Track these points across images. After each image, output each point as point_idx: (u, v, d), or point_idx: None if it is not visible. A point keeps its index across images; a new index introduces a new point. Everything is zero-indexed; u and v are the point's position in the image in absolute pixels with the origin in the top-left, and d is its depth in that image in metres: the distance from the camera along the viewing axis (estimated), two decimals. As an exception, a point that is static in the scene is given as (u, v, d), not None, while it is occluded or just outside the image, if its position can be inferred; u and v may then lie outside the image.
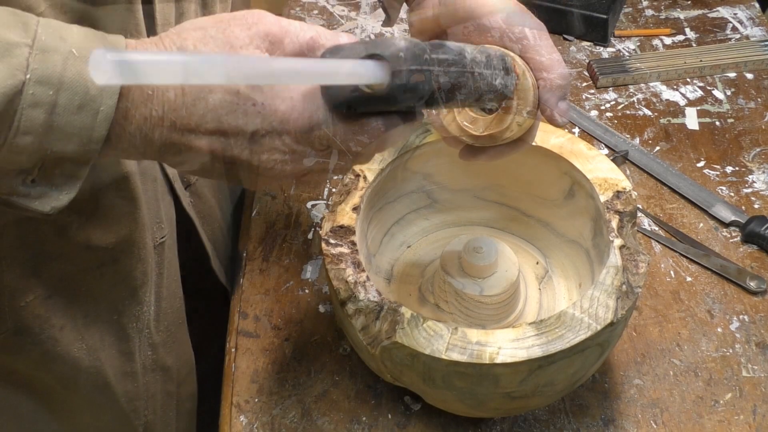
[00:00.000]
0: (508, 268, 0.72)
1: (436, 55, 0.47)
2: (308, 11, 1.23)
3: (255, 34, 0.46)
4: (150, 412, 0.81)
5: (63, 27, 0.44)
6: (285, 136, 0.47)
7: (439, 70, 0.47)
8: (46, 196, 0.46)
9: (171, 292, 0.78)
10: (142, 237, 0.69)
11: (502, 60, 0.55)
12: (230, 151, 0.47)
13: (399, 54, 0.43)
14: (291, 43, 0.47)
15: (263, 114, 0.46)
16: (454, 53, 0.49)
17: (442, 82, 0.47)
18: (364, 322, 0.62)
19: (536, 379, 0.61)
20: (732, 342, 0.79)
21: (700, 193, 0.92)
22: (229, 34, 0.46)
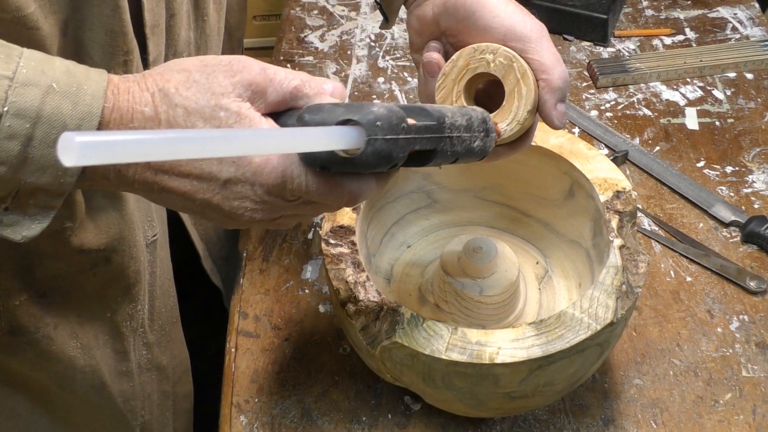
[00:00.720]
0: (508, 268, 0.72)
1: (415, 121, 0.47)
2: (308, 11, 1.23)
3: (238, 82, 0.46)
4: (147, 412, 0.81)
5: (45, 60, 0.45)
6: (257, 187, 0.47)
7: (416, 137, 0.47)
8: (18, 224, 0.47)
9: (164, 291, 0.78)
10: (133, 235, 0.68)
11: (484, 122, 0.56)
12: (202, 194, 0.48)
13: (376, 123, 0.44)
14: (275, 92, 0.48)
15: (237, 164, 0.47)
16: (433, 118, 0.49)
17: (418, 148, 0.48)
18: (364, 322, 0.62)
19: (536, 379, 0.61)
20: (732, 342, 0.79)
21: (700, 193, 0.92)
22: (212, 80, 0.46)
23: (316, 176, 0.48)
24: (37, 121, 0.43)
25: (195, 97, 0.46)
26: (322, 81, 0.50)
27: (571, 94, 1.08)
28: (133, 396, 0.78)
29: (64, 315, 0.68)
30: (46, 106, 0.43)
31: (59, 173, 0.45)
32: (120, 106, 0.45)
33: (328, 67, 1.13)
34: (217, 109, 0.46)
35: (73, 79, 0.45)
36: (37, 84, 0.43)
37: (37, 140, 0.43)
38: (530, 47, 0.59)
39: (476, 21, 0.60)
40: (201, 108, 0.46)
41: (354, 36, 1.19)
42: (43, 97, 0.43)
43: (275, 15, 1.88)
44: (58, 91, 0.44)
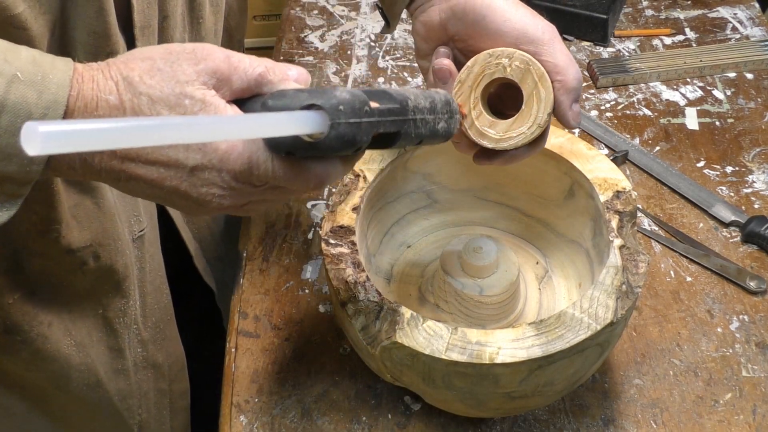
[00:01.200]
0: (508, 268, 0.72)
1: (378, 104, 0.48)
2: (308, 11, 1.23)
3: (202, 69, 0.46)
4: (144, 411, 0.81)
5: (9, 49, 0.44)
6: (224, 173, 0.48)
7: (379, 121, 0.48)
8: None
9: (156, 287, 0.78)
10: (115, 228, 0.68)
11: (447, 104, 0.56)
12: (169, 182, 0.48)
13: (339, 107, 0.45)
14: (239, 79, 0.48)
15: (203, 150, 0.47)
16: (397, 102, 0.50)
17: (381, 131, 0.49)
18: (364, 322, 0.62)
19: (536, 379, 0.61)
20: (732, 342, 0.79)
21: (700, 193, 0.92)
22: (176, 68, 0.46)
23: (282, 161, 0.48)
24: (2, 110, 0.43)
25: (159, 86, 0.46)
26: (287, 67, 0.50)
27: (571, 94, 1.07)
28: (129, 394, 0.78)
29: (57, 312, 0.68)
30: (10, 95, 0.43)
31: (25, 162, 0.45)
32: (84, 95, 0.45)
33: (328, 67, 1.13)
34: (182, 97, 0.46)
35: (39, 68, 0.44)
36: (1, 73, 0.43)
37: (1, 129, 0.43)
38: (543, 49, 0.59)
39: (487, 25, 0.60)
40: (166, 96, 0.46)
41: (354, 36, 1.19)
42: (7, 86, 0.43)
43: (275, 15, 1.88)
44: (23, 80, 0.43)
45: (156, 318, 0.79)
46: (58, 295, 0.68)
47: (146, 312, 0.77)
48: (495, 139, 0.61)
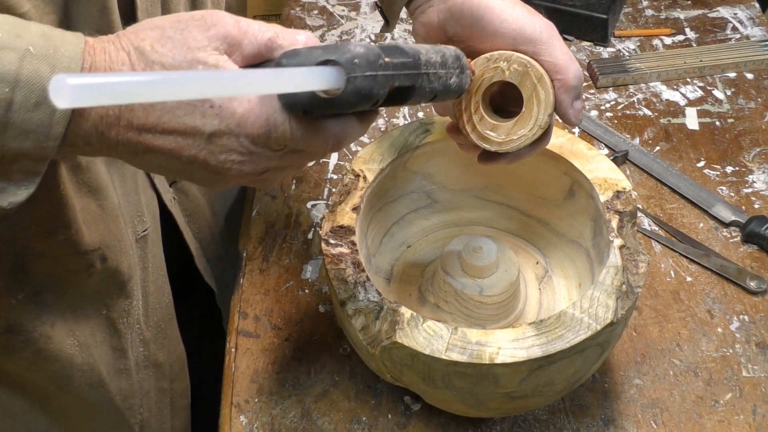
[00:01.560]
0: (508, 268, 0.72)
1: (391, 59, 0.48)
2: (308, 11, 1.23)
3: (213, 35, 0.46)
4: (145, 410, 0.81)
5: (20, 24, 0.44)
6: (242, 138, 0.47)
7: (394, 74, 0.48)
8: (4, 191, 0.46)
9: (158, 287, 0.78)
10: (119, 229, 0.68)
11: (458, 59, 0.56)
12: (188, 151, 0.47)
13: (354, 60, 0.44)
14: (249, 44, 0.47)
15: (221, 116, 0.46)
16: (410, 56, 0.50)
17: (397, 85, 0.48)
18: (364, 322, 0.62)
19: (536, 379, 0.61)
20: (732, 342, 0.79)
21: (700, 193, 0.92)
22: (186, 35, 0.46)
23: (300, 121, 0.48)
24: (16, 85, 0.43)
25: (171, 53, 0.45)
26: (295, 32, 0.49)
27: (571, 94, 1.08)
28: (131, 394, 0.78)
29: (60, 313, 0.68)
30: (23, 70, 0.43)
31: (41, 137, 0.44)
32: (97, 67, 0.45)
33: (328, 67, 1.13)
34: (194, 63, 0.45)
35: (50, 42, 0.44)
36: (14, 48, 0.43)
37: (17, 104, 0.43)
38: (542, 49, 0.58)
39: (484, 27, 0.60)
40: (178, 63, 0.45)
41: (354, 36, 1.19)
42: (20, 60, 0.43)
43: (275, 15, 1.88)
44: (35, 54, 0.43)
45: (158, 317, 0.79)
46: (63, 296, 0.67)
47: (148, 312, 0.77)
48: (497, 142, 0.61)
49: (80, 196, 0.63)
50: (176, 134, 0.46)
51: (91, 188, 0.64)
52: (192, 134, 0.47)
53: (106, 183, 0.66)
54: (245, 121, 0.47)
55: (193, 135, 0.47)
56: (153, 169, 0.50)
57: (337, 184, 0.95)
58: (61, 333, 0.69)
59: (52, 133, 0.44)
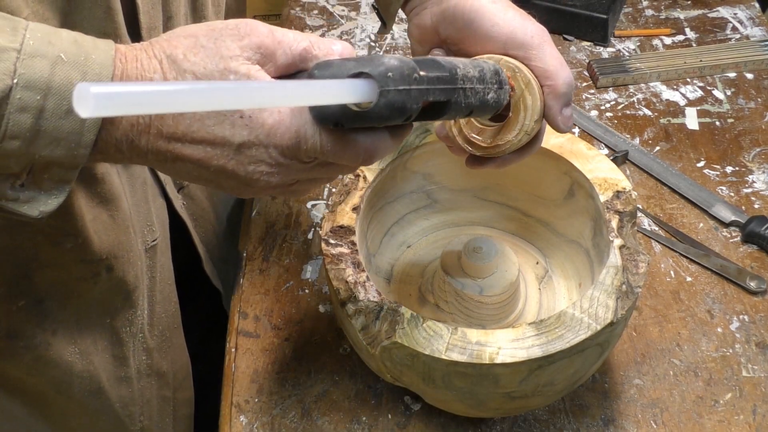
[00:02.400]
0: (508, 268, 0.72)
1: (426, 73, 0.47)
2: (308, 11, 1.23)
3: (247, 45, 0.46)
4: (146, 418, 0.80)
5: (51, 32, 0.44)
6: (272, 149, 0.47)
7: (429, 89, 0.47)
8: (34, 200, 0.46)
9: (165, 297, 0.78)
10: (129, 239, 0.68)
11: (496, 74, 0.55)
12: (216, 161, 0.47)
13: (388, 74, 0.43)
14: (284, 54, 0.47)
15: (250, 126, 0.46)
16: (446, 70, 0.49)
17: (432, 100, 0.47)
18: (364, 322, 0.62)
19: (536, 379, 0.61)
20: (732, 342, 0.79)
21: (700, 193, 0.92)
22: (220, 44, 0.46)
23: (330, 134, 0.47)
24: (48, 92, 0.43)
25: (203, 62, 0.45)
26: (331, 42, 0.49)
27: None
28: (131, 401, 0.78)
29: (63, 320, 0.68)
30: (55, 77, 0.43)
31: (73, 145, 0.44)
32: (129, 74, 0.45)
33: (328, 67, 1.13)
34: (226, 73, 0.45)
35: (81, 49, 0.44)
36: (45, 55, 0.43)
37: (48, 112, 0.43)
38: (532, 54, 0.58)
39: (476, 30, 0.59)
40: (210, 72, 0.45)
41: (354, 36, 1.19)
42: (52, 68, 0.43)
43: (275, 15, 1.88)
44: (67, 62, 0.43)
45: (163, 326, 0.79)
46: (66, 304, 0.67)
47: (153, 321, 0.77)
48: (482, 147, 0.60)
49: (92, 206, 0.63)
50: (205, 144, 0.46)
51: (104, 199, 0.64)
52: (221, 144, 0.46)
53: (119, 194, 0.65)
54: (275, 133, 0.46)
55: (222, 145, 0.46)
56: (182, 176, 0.50)
57: (337, 184, 0.95)
58: (62, 340, 0.69)
59: (83, 140, 0.44)
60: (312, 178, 0.52)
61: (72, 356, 0.70)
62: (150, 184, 0.72)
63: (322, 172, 0.51)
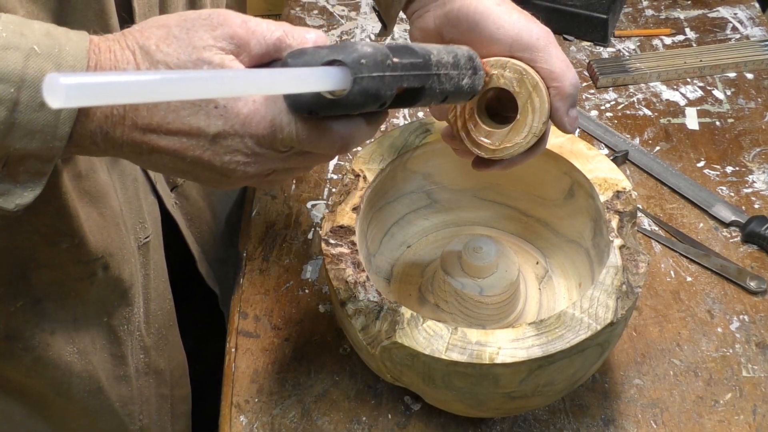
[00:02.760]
0: (508, 268, 0.72)
1: (400, 60, 0.47)
2: (308, 11, 1.23)
3: (220, 35, 0.46)
4: (145, 416, 0.80)
5: (24, 23, 0.44)
6: (247, 139, 0.47)
7: (403, 75, 0.47)
8: (10, 193, 0.46)
9: (159, 294, 0.78)
10: (120, 236, 0.68)
11: (470, 59, 0.55)
12: (192, 151, 0.47)
13: (361, 60, 0.43)
14: (258, 44, 0.47)
15: (225, 116, 0.46)
16: (419, 56, 0.49)
17: (406, 86, 0.48)
18: (364, 322, 0.62)
19: (536, 379, 0.61)
20: (732, 342, 0.79)
21: (700, 193, 0.92)
22: (192, 34, 0.45)
23: (306, 122, 0.47)
24: (21, 84, 0.42)
25: (176, 53, 0.45)
26: (305, 30, 0.49)
27: (571, 94, 1.08)
28: (131, 400, 0.78)
29: (60, 320, 0.68)
30: (29, 69, 0.42)
31: (48, 137, 0.44)
32: (102, 65, 0.45)
33: (328, 67, 1.13)
34: (199, 63, 0.45)
35: (55, 41, 0.44)
36: (18, 47, 0.42)
37: (22, 105, 0.43)
38: (539, 56, 0.58)
39: (481, 32, 0.59)
40: (183, 63, 0.45)
41: (354, 36, 1.19)
42: (25, 60, 0.42)
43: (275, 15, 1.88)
44: (40, 54, 0.43)
45: (159, 324, 0.79)
46: (64, 304, 0.67)
47: (149, 318, 0.77)
48: (491, 149, 0.61)
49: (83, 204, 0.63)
50: (180, 135, 0.46)
51: (92, 196, 0.64)
52: (196, 135, 0.46)
53: (107, 190, 0.65)
54: (250, 122, 0.46)
55: (197, 136, 0.46)
56: (158, 168, 0.50)
57: (337, 184, 0.95)
58: (61, 340, 0.68)
59: (58, 133, 0.44)
60: (288, 168, 0.51)
61: (71, 356, 0.70)
62: (141, 182, 0.72)
63: (299, 161, 0.51)
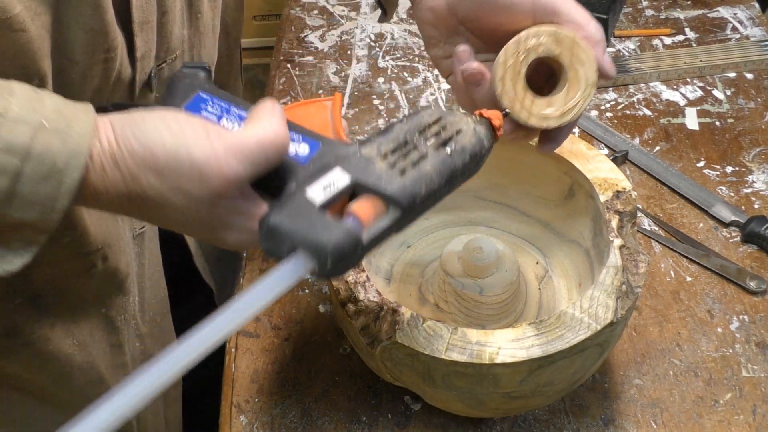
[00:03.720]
0: (508, 268, 0.72)
1: (376, 225, 0.47)
2: (308, 11, 1.23)
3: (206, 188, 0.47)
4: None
5: (35, 98, 0.45)
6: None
7: (375, 242, 0.47)
8: (0, 258, 0.47)
9: (154, 282, 0.78)
10: (117, 227, 0.68)
11: (476, 159, 0.53)
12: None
13: (325, 253, 0.43)
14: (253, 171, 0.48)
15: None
16: (400, 208, 0.48)
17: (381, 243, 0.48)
18: (364, 322, 0.62)
19: (536, 379, 0.61)
20: (732, 342, 0.79)
21: (700, 193, 0.92)
22: (195, 206, 0.47)
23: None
24: (27, 157, 0.43)
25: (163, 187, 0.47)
26: (265, 121, 0.49)
27: (571, 94, 1.08)
28: None
29: (59, 314, 0.68)
30: (36, 143, 0.43)
31: (46, 209, 0.45)
32: (95, 185, 0.47)
33: (328, 67, 1.13)
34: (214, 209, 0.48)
35: (63, 118, 0.45)
36: (28, 121, 0.43)
37: (26, 176, 0.44)
38: (562, 15, 0.58)
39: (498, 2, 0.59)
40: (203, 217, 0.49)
41: (354, 36, 1.19)
42: (33, 133, 0.43)
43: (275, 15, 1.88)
44: (49, 129, 0.44)
45: (153, 312, 0.79)
46: (63, 298, 0.67)
47: (144, 307, 0.78)
48: (557, 116, 0.60)
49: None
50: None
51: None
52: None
53: None
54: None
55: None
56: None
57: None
58: (60, 334, 0.69)
59: (56, 206, 0.45)
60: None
61: (71, 348, 0.70)
62: None
63: None
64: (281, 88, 1.09)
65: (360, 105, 1.06)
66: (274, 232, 0.45)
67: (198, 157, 0.45)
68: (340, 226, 0.45)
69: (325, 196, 0.46)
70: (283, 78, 1.11)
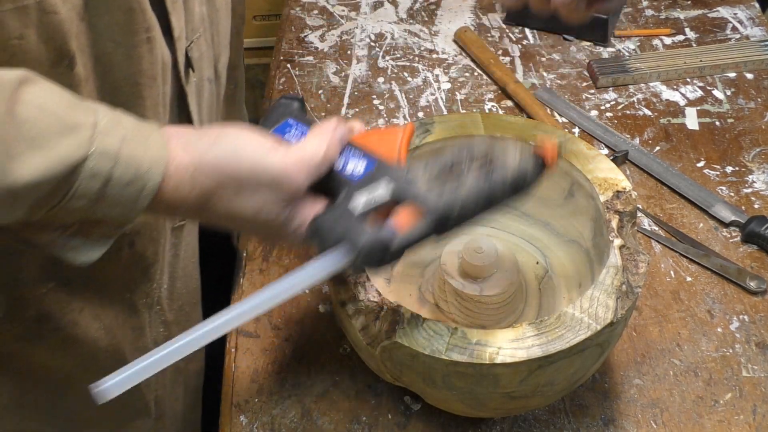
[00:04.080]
0: (508, 268, 0.72)
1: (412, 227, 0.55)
2: (308, 11, 1.23)
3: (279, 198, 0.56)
4: (160, 387, 0.82)
5: (116, 114, 0.51)
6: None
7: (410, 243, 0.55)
8: (79, 249, 0.53)
9: (187, 273, 0.80)
10: (156, 220, 0.71)
11: (521, 180, 0.59)
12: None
13: (355, 252, 0.54)
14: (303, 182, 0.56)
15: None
16: (434, 218, 0.56)
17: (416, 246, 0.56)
18: (364, 322, 0.62)
19: (536, 379, 0.61)
20: (732, 342, 0.79)
21: (700, 193, 0.92)
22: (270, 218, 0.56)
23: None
24: (116, 162, 0.49)
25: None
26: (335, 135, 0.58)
27: (571, 93, 1.08)
28: None
29: (88, 299, 0.70)
30: (123, 151, 0.49)
31: (127, 209, 0.51)
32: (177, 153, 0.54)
33: (328, 67, 1.13)
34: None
35: (142, 132, 0.51)
36: (115, 132, 0.50)
37: (114, 180, 0.49)
38: None
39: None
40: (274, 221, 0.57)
41: (354, 36, 1.19)
42: (120, 143, 0.49)
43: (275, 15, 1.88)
44: (131, 139, 0.50)
45: (182, 301, 0.81)
46: (91, 282, 0.69)
47: (173, 295, 0.79)
48: None
49: None
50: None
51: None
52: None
53: None
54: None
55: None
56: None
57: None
58: (88, 318, 0.71)
59: (136, 206, 0.51)
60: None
61: (97, 332, 0.72)
62: None
63: None
64: (281, 88, 1.09)
65: (360, 105, 1.06)
66: (317, 231, 0.56)
67: (275, 168, 0.54)
68: (372, 231, 0.54)
69: (364, 207, 0.55)
70: (283, 78, 1.11)
